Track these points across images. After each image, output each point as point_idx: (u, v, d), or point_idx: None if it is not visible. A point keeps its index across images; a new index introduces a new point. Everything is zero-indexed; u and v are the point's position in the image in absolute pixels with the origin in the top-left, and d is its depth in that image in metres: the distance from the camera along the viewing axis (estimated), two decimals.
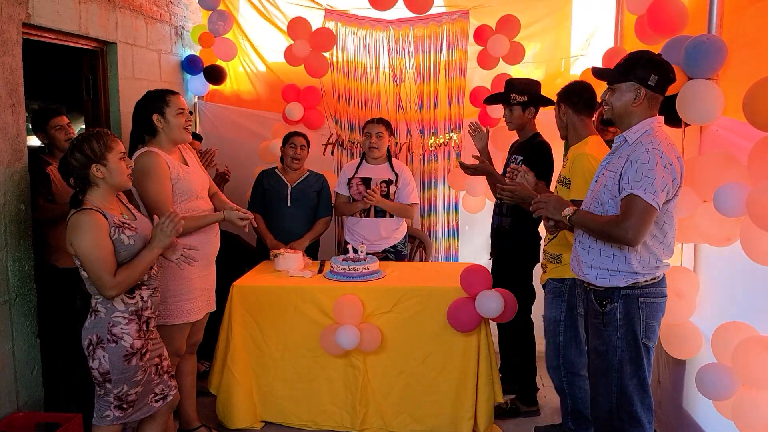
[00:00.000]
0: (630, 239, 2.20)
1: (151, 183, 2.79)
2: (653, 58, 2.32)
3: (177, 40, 4.77)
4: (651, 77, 2.28)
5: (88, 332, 2.38)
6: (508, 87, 3.59)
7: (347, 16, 4.75)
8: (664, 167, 2.20)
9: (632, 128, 2.33)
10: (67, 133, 3.42)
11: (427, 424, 3.31)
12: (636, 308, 2.32)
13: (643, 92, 2.30)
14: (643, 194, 2.17)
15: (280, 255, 3.59)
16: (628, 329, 2.33)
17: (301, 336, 3.30)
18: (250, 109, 5.05)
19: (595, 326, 2.42)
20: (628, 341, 2.33)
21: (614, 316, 2.34)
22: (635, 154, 2.24)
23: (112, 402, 2.39)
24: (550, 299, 2.95)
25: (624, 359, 2.34)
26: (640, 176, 2.19)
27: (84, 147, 2.34)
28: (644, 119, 2.32)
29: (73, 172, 2.36)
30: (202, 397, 3.48)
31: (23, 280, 2.94)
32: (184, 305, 2.95)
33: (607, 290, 2.36)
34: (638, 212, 2.18)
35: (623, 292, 2.33)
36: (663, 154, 2.21)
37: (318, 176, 4.13)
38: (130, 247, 2.40)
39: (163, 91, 2.96)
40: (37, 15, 3.07)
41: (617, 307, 2.33)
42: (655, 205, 2.18)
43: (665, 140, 2.28)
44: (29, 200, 3.00)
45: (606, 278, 2.35)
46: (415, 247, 4.52)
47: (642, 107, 2.32)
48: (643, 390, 2.36)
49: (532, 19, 4.55)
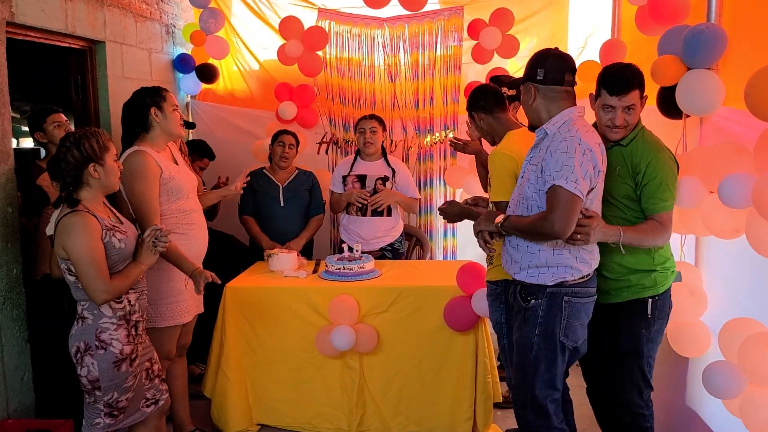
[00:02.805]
0: (557, 231, 2.16)
1: (138, 184, 2.72)
2: (539, 54, 2.35)
3: (168, 38, 4.71)
4: (537, 72, 2.29)
5: (75, 339, 2.32)
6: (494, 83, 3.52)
7: (341, 15, 4.70)
8: (583, 153, 2.17)
9: (551, 120, 2.30)
10: (67, 130, 3.31)
11: (425, 425, 3.26)
12: (559, 307, 2.29)
13: (533, 89, 2.31)
14: (564, 184, 2.14)
15: (273, 255, 3.53)
16: (547, 327, 2.29)
17: (296, 337, 3.25)
18: (244, 108, 5.00)
19: (518, 321, 2.40)
20: (545, 338, 2.30)
21: (535, 313, 2.31)
22: (554, 144, 2.22)
23: (102, 409, 2.32)
24: (489, 302, 2.88)
25: (540, 356, 2.32)
26: (560, 166, 2.16)
27: (83, 145, 2.28)
28: (561, 111, 2.29)
29: (68, 169, 2.28)
30: (196, 401, 3.43)
31: (11, 285, 2.89)
32: (174, 307, 2.89)
33: (533, 287, 2.32)
34: (562, 203, 2.15)
35: (549, 290, 2.29)
36: (581, 141, 2.18)
37: (308, 174, 4.08)
38: (121, 250, 2.34)
39: (158, 87, 2.90)
40: (21, 13, 3.01)
41: (540, 304, 2.31)
42: (578, 194, 2.15)
43: (584, 128, 2.25)
44: (16, 203, 2.94)
45: (535, 276, 2.31)
46: (413, 245, 4.47)
47: (542, 102, 2.31)
48: (553, 386, 2.34)
49: (528, 13, 4.51)
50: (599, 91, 2.41)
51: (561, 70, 2.29)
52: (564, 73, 2.30)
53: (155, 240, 2.40)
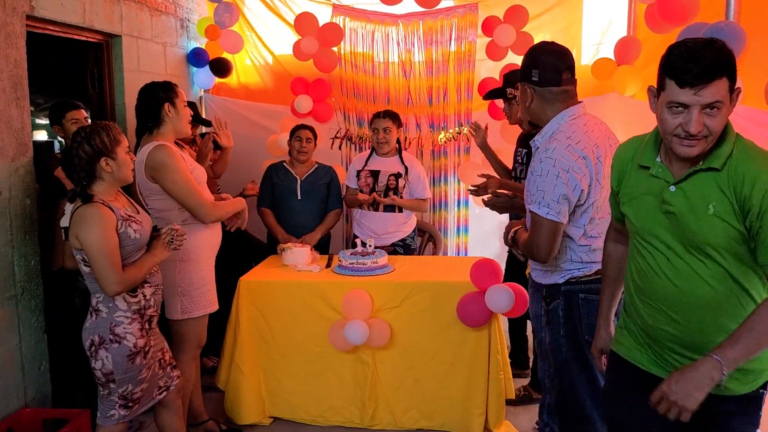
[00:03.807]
0: (541, 257, 2.11)
1: (173, 173, 2.75)
2: (532, 51, 2.20)
3: (182, 32, 4.74)
4: (532, 73, 2.14)
5: (89, 333, 2.34)
6: (505, 81, 3.54)
7: (355, 11, 4.71)
8: (557, 176, 2.01)
9: (542, 130, 2.18)
10: None
11: (437, 420, 3.27)
12: (576, 306, 2.22)
13: (530, 91, 2.17)
14: (537, 209, 2.05)
15: (287, 249, 3.55)
16: (570, 327, 2.23)
17: (310, 331, 3.26)
18: (259, 102, 5.01)
19: (545, 325, 2.34)
20: (570, 339, 2.23)
21: (557, 314, 2.25)
22: (533, 164, 2.12)
23: (117, 401, 2.35)
24: (531, 293, 2.87)
25: (569, 357, 2.24)
26: (535, 189, 2.06)
27: (94, 140, 2.29)
28: (554, 115, 2.15)
29: (80, 164, 2.30)
30: (210, 393, 3.47)
31: (30, 275, 2.92)
32: (207, 297, 2.97)
33: (550, 287, 2.27)
34: (538, 228, 2.08)
35: (563, 289, 2.23)
36: (556, 162, 2.02)
37: (327, 168, 4.08)
38: (137, 240, 2.36)
39: (170, 82, 2.92)
40: (41, 7, 3.03)
41: (559, 304, 2.25)
42: (553, 218, 2.04)
43: (566, 141, 2.07)
44: (35, 195, 2.97)
45: (548, 275, 2.27)
46: (425, 242, 4.48)
47: (538, 105, 2.18)
48: (592, 389, 2.21)
49: (542, 9, 4.50)
50: (663, 82, 1.61)
51: (556, 69, 2.13)
52: (560, 73, 2.13)
53: (172, 239, 2.45)
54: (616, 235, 1.99)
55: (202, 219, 2.84)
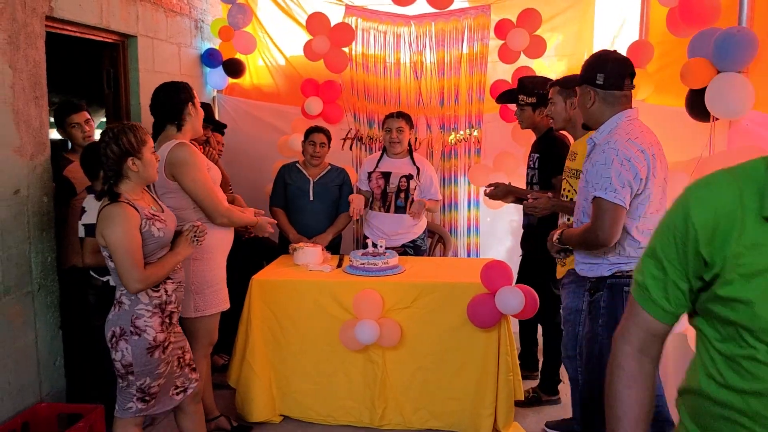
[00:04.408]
0: (601, 241, 2.24)
1: (194, 171, 2.80)
2: (599, 57, 2.37)
3: (196, 33, 4.78)
4: (597, 77, 2.33)
5: (111, 324, 2.39)
6: (518, 88, 3.60)
7: (368, 12, 4.73)
8: (621, 164, 2.21)
9: (600, 128, 2.36)
10: (84, 131, 3.35)
11: (447, 420, 3.28)
12: (620, 297, 2.35)
13: (592, 93, 2.36)
14: (604, 194, 2.21)
15: (299, 249, 3.58)
16: (610, 318, 2.37)
17: (320, 330, 3.29)
18: (270, 102, 5.05)
19: (585, 315, 2.50)
20: (608, 329, 2.34)
21: (598, 305, 2.39)
22: (594, 156, 2.30)
23: (135, 394, 2.39)
24: (571, 289, 2.91)
25: (604, 347, 2.36)
26: (599, 177, 2.23)
27: (122, 140, 2.35)
28: (611, 117, 2.34)
29: (108, 164, 2.36)
30: (221, 390, 3.50)
31: (46, 272, 2.97)
32: (219, 295, 3.02)
33: (597, 280, 2.41)
34: (602, 213, 2.22)
35: (609, 281, 2.37)
36: (619, 152, 2.22)
37: (340, 170, 4.10)
38: (160, 239, 2.42)
39: (186, 83, 2.96)
40: (60, 8, 3.08)
41: (602, 296, 2.39)
42: (619, 203, 2.20)
43: (626, 136, 2.26)
44: (52, 192, 3.02)
45: (594, 269, 2.41)
46: (435, 243, 4.50)
47: (598, 107, 2.37)
48: None
49: (554, 12, 4.50)
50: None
51: (621, 75, 2.33)
52: (624, 78, 2.33)
53: (195, 235, 2.53)
54: (646, 343, 1.25)
55: (214, 220, 2.88)
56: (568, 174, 2.96)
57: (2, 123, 2.71)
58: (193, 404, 2.68)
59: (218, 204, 2.87)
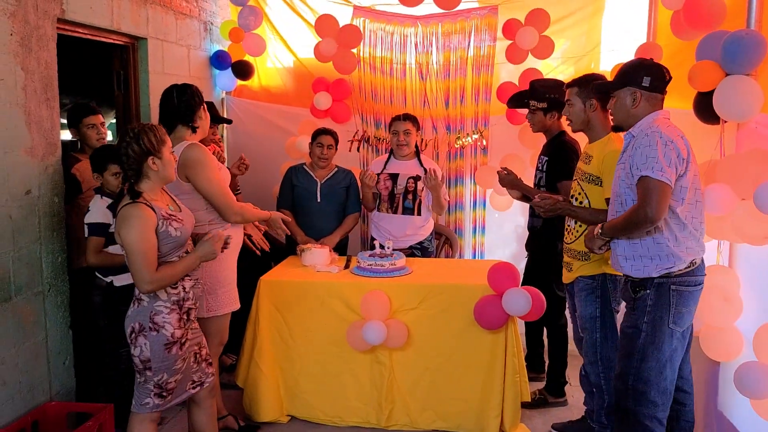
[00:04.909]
0: (651, 217, 2.30)
1: (208, 171, 2.84)
2: (644, 63, 2.54)
3: (206, 35, 4.81)
4: (644, 79, 2.47)
5: (131, 320, 2.42)
6: (530, 91, 3.61)
7: (375, 13, 4.74)
8: (665, 145, 2.33)
9: (636, 124, 2.50)
10: (99, 133, 3.44)
11: (453, 421, 3.29)
12: (667, 296, 2.43)
13: (639, 94, 2.49)
14: (651, 173, 2.31)
15: (307, 250, 3.60)
16: (656, 314, 2.45)
17: (328, 331, 3.31)
18: (278, 104, 5.07)
19: (627, 311, 2.56)
20: (654, 325, 2.44)
21: (644, 302, 2.46)
22: (637, 141, 2.42)
23: (152, 390, 2.42)
24: (583, 296, 2.94)
25: (647, 342, 2.45)
26: (645, 158, 2.34)
27: (143, 139, 2.38)
28: (646, 116, 2.48)
29: (128, 163, 2.39)
30: (229, 390, 3.53)
31: (56, 272, 3.00)
32: (230, 295, 3.06)
33: (643, 280, 2.46)
34: (651, 190, 2.31)
35: (656, 281, 2.44)
36: (662, 134, 2.35)
37: (346, 172, 4.11)
38: (178, 238, 2.45)
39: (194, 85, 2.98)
40: (71, 11, 3.11)
41: (649, 294, 2.45)
42: (666, 181, 2.30)
43: (665, 123, 2.43)
44: (63, 193, 3.05)
45: (640, 269, 2.46)
46: (442, 244, 4.51)
47: (642, 108, 2.50)
48: (659, 373, 2.45)
49: (563, 14, 4.49)
50: None
51: (663, 79, 2.49)
52: (665, 83, 2.50)
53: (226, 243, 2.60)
54: None
55: (228, 218, 2.91)
56: (580, 176, 2.96)
57: (14, 124, 2.74)
58: (209, 398, 2.71)
59: (232, 202, 2.91)
